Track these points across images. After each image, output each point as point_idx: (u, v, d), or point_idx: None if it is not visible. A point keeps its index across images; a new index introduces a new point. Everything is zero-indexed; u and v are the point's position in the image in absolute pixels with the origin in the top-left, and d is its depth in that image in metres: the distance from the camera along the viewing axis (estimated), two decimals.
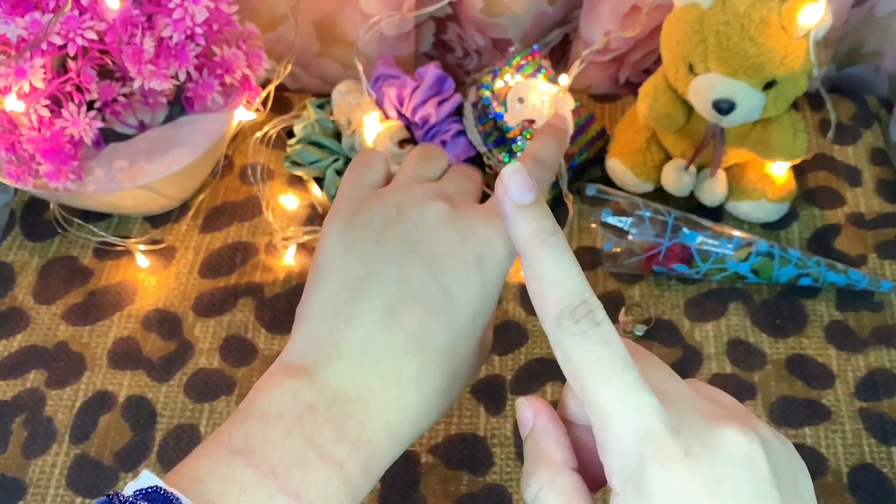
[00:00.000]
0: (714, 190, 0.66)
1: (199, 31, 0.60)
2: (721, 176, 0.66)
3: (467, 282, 0.36)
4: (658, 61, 0.64)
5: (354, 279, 0.36)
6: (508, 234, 0.31)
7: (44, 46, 0.56)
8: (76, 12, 0.57)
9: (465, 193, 0.41)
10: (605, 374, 0.28)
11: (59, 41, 0.56)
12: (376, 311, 0.35)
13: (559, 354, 0.29)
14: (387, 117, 0.69)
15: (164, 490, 0.30)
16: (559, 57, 0.79)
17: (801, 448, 0.56)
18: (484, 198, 0.43)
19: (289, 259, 0.67)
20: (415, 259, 0.36)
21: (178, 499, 0.30)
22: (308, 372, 0.34)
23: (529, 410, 0.32)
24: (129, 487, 0.31)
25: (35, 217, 0.70)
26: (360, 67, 0.68)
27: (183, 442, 0.58)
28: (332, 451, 0.33)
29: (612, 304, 0.64)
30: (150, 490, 0.31)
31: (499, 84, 0.67)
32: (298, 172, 0.70)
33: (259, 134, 0.74)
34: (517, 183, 0.31)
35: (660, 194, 0.68)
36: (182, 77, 0.62)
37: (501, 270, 0.37)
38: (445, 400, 0.37)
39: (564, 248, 0.30)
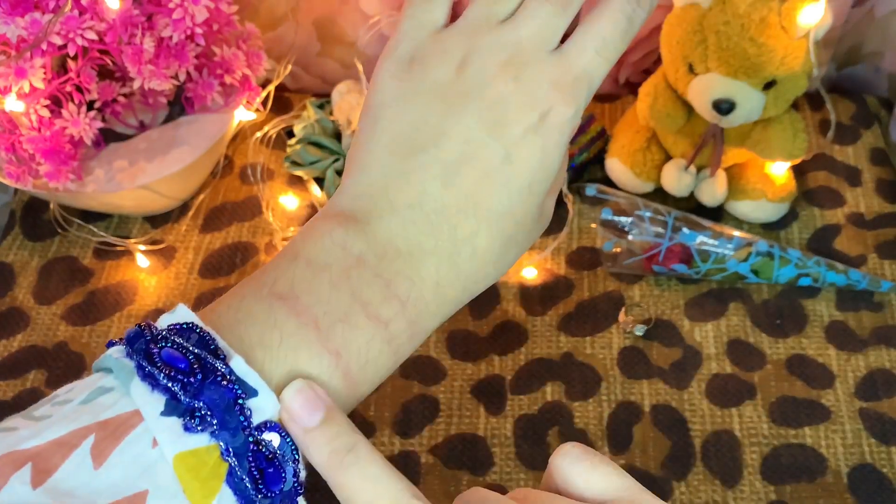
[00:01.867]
0: (714, 190, 0.66)
1: (198, 31, 0.60)
2: (721, 176, 0.66)
3: (527, 144, 0.34)
4: (658, 61, 0.64)
5: (411, 131, 0.34)
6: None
7: (44, 46, 0.56)
8: (76, 12, 0.57)
9: (542, 34, 0.35)
10: None
11: (59, 41, 0.56)
12: (434, 168, 0.33)
13: None
14: None
15: (201, 328, 0.29)
16: None
17: (801, 448, 0.56)
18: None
19: None
20: (475, 117, 0.34)
21: (213, 340, 0.29)
22: (359, 223, 0.33)
23: None
24: (164, 320, 0.30)
25: (35, 217, 0.70)
26: (360, 67, 0.68)
27: None
28: (378, 309, 0.31)
29: (612, 304, 0.64)
30: (185, 326, 0.29)
31: None
32: (298, 172, 0.70)
33: (259, 134, 0.74)
34: (300, 404, 0.29)
35: (660, 194, 0.68)
36: (182, 77, 0.62)
37: (563, 134, 0.34)
38: (498, 265, 0.35)
39: (366, 461, 0.28)
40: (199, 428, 0.27)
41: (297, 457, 0.29)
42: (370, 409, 0.58)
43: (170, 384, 0.28)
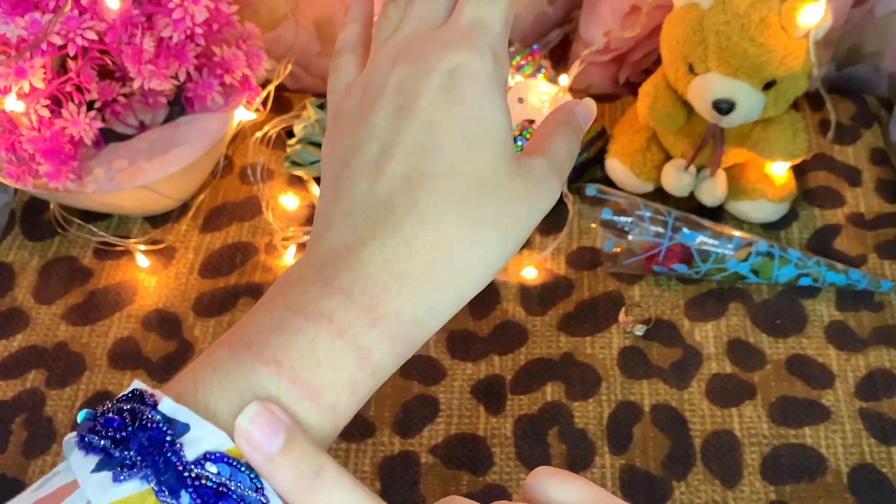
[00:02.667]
0: (714, 190, 0.66)
1: (198, 31, 0.60)
2: (721, 176, 0.66)
3: (440, 104, 0.32)
4: (658, 61, 0.64)
5: (336, 162, 0.34)
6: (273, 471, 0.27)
7: (44, 46, 0.56)
8: (76, 12, 0.57)
9: (426, 23, 0.35)
10: None
11: (59, 41, 0.56)
12: (358, 174, 0.32)
13: None
14: None
15: (140, 390, 0.28)
16: (559, 57, 0.79)
17: (801, 448, 0.56)
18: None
19: (289, 259, 0.67)
20: (383, 113, 0.33)
21: (148, 393, 0.28)
22: (306, 254, 0.32)
23: None
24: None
25: (35, 217, 0.70)
26: None
27: None
28: (318, 308, 0.29)
29: (612, 304, 0.64)
30: (130, 394, 0.28)
31: None
32: (298, 172, 0.70)
33: (259, 134, 0.74)
34: (259, 429, 0.27)
35: (660, 194, 0.68)
36: (182, 77, 0.62)
37: (479, 80, 0.32)
38: (480, 230, 0.32)
39: (334, 483, 0.27)
40: (127, 476, 0.26)
41: (259, 485, 0.27)
42: (370, 408, 0.58)
43: (102, 442, 0.27)
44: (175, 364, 0.61)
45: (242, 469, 0.27)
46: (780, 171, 0.66)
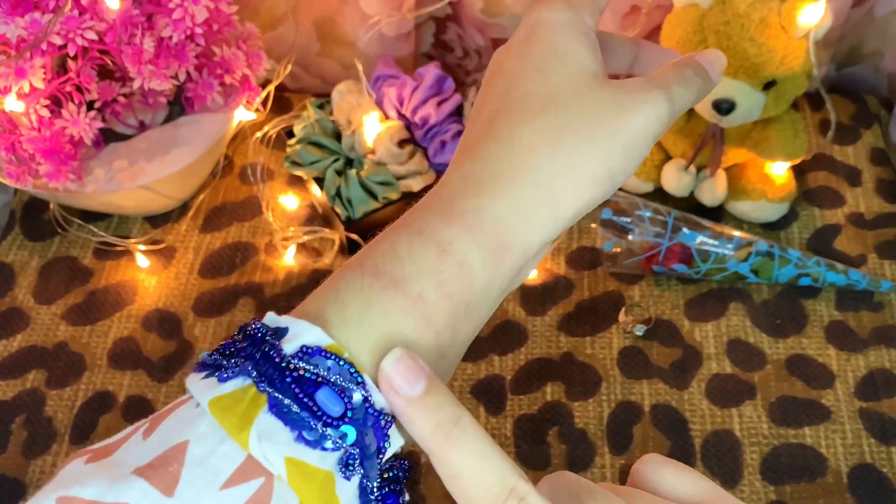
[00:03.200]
0: (714, 190, 0.66)
1: (198, 31, 0.60)
2: (721, 176, 0.66)
3: (518, 52, 0.34)
4: None
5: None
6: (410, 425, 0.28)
7: (44, 46, 0.56)
8: (76, 12, 0.57)
9: None
10: None
11: (59, 41, 0.56)
12: (460, 143, 0.34)
13: None
14: (387, 117, 0.69)
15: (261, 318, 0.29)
16: None
17: (801, 448, 0.56)
18: None
19: (289, 259, 0.67)
20: (485, 78, 0.36)
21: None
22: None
23: None
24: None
25: (35, 217, 0.70)
26: (360, 67, 0.68)
27: None
28: (440, 235, 0.30)
29: (612, 304, 0.64)
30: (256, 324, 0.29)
31: None
32: (298, 172, 0.70)
33: (259, 134, 0.74)
34: (402, 373, 0.27)
35: (660, 194, 0.68)
36: (182, 77, 0.62)
37: (551, 26, 0.34)
38: (594, 138, 0.32)
39: (473, 436, 0.27)
40: (230, 374, 0.27)
41: (360, 379, 0.27)
42: None
43: (213, 357, 0.28)
44: (175, 364, 0.61)
45: (341, 363, 0.27)
46: (780, 171, 0.66)
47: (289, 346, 0.27)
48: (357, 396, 0.27)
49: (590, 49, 0.34)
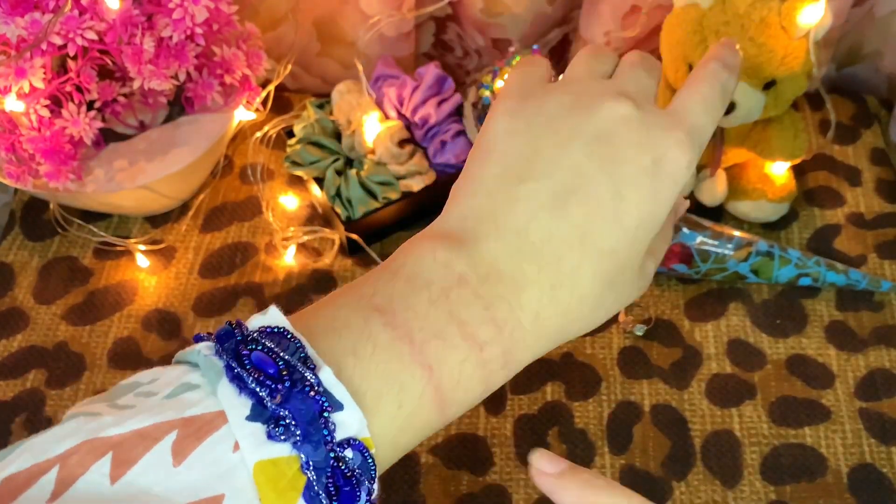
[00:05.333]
0: (714, 190, 0.66)
1: (199, 31, 0.60)
2: (721, 176, 0.66)
3: (639, 185, 0.33)
4: (658, 61, 0.64)
5: (522, 160, 0.34)
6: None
7: (44, 46, 0.56)
8: (76, 12, 0.57)
9: (644, 92, 0.37)
10: None
11: (59, 41, 0.56)
12: (542, 196, 0.33)
13: None
14: (387, 117, 0.69)
15: (292, 334, 0.29)
16: (559, 57, 0.79)
17: (801, 448, 0.56)
18: None
19: (289, 259, 0.67)
20: (588, 151, 0.33)
21: (303, 347, 0.29)
22: (464, 244, 0.32)
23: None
24: (254, 321, 0.30)
25: (35, 217, 0.70)
26: (360, 67, 0.68)
27: None
28: (475, 330, 0.31)
29: None
30: (276, 330, 0.29)
31: (499, 84, 0.67)
32: (298, 172, 0.70)
33: (259, 134, 0.74)
34: (546, 459, 0.33)
35: None
36: (182, 77, 0.62)
37: (676, 183, 0.34)
38: (596, 311, 0.34)
39: (604, 481, 0.32)
40: (282, 437, 0.27)
41: (373, 475, 0.29)
42: None
43: (258, 389, 0.27)
44: None
45: (369, 461, 0.29)
46: (780, 171, 0.66)
47: (339, 431, 0.28)
48: (370, 494, 0.29)
49: (664, 217, 0.36)
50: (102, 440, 0.27)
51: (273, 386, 0.27)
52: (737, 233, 0.62)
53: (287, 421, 0.27)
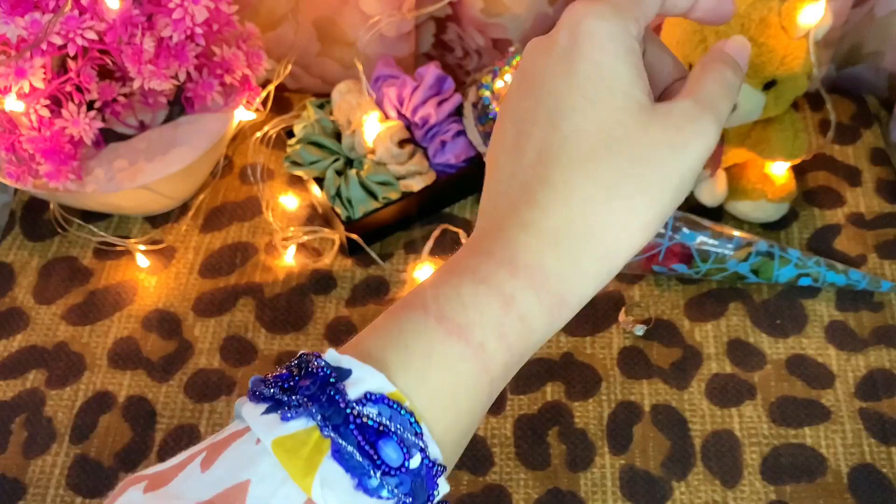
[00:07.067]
0: (714, 190, 0.66)
1: (198, 31, 0.60)
2: (721, 176, 0.66)
3: (559, 69, 0.33)
4: None
5: (498, 145, 0.34)
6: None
7: (44, 46, 0.56)
8: (76, 12, 0.57)
9: None
10: None
11: (59, 41, 0.56)
12: (501, 159, 0.33)
13: None
14: (387, 117, 0.69)
15: (310, 353, 0.30)
16: None
17: (801, 448, 0.56)
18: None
19: (289, 259, 0.67)
20: (515, 87, 0.34)
21: (317, 354, 0.29)
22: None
23: None
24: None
25: (35, 217, 0.70)
26: (360, 67, 0.68)
27: (183, 442, 0.58)
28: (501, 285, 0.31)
29: (612, 304, 0.64)
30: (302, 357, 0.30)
31: (499, 84, 0.67)
32: (298, 172, 0.70)
33: (259, 134, 0.74)
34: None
35: None
36: (182, 77, 0.62)
37: (595, 39, 0.32)
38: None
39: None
40: (294, 414, 0.28)
41: (419, 430, 0.28)
42: None
43: (272, 391, 0.28)
44: (175, 364, 0.61)
45: (402, 412, 0.28)
46: (780, 171, 0.66)
47: (353, 390, 0.28)
48: (414, 443, 0.28)
49: (635, 72, 0.32)
50: (143, 475, 0.28)
51: (285, 385, 0.28)
52: (737, 233, 0.62)
53: (299, 402, 0.28)
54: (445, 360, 0.30)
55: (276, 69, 0.71)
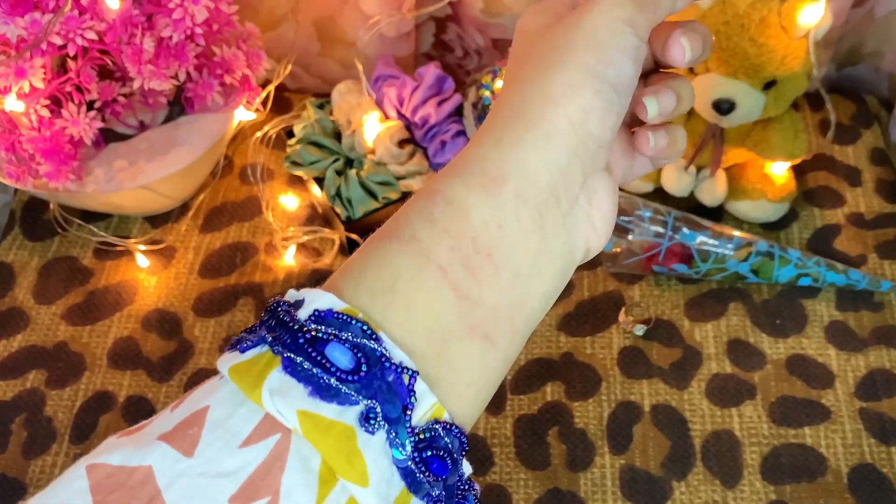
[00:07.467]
0: (714, 190, 0.66)
1: (198, 31, 0.60)
2: (721, 176, 0.66)
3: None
4: None
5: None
6: None
7: (44, 46, 0.56)
8: (76, 12, 0.57)
9: None
10: None
11: (59, 41, 0.56)
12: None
13: None
14: (387, 117, 0.69)
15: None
16: None
17: (801, 448, 0.56)
18: None
19: (289, 259, 0.67)
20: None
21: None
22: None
23: None
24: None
25: (35, 217, 0.70)
26: (360, 67, 0.68)
27: None
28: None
29: (612, 304, 0.64)
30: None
31: (499, 84, 0.67)
32: (298, 172, 0.70)
33: (259, 134, 0.74)
34: None
35: (660, 194, 0.68)
36: (182, 77, 0.62)
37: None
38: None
39: None
40: (250, 344, 0.29)
41: (374, 335, 0.28)
42: None
43: (241, 335, 0.30)
44: (175, 364, 0.61)
45: (354, 322, 0.28)
46: (780, 171, 0.66)
47: (303, 311, 0.29)
48: (371, 349, 0.28)
49: (620, 54, 0.33)
50: (122, 437, 0.29)
51: (255, 327, 0.30)
52: (737, 233, 0.62)
53: (256, 333, 0.29)
54: (383, 260, 0.30)
55: (276, 69, 0.71)
